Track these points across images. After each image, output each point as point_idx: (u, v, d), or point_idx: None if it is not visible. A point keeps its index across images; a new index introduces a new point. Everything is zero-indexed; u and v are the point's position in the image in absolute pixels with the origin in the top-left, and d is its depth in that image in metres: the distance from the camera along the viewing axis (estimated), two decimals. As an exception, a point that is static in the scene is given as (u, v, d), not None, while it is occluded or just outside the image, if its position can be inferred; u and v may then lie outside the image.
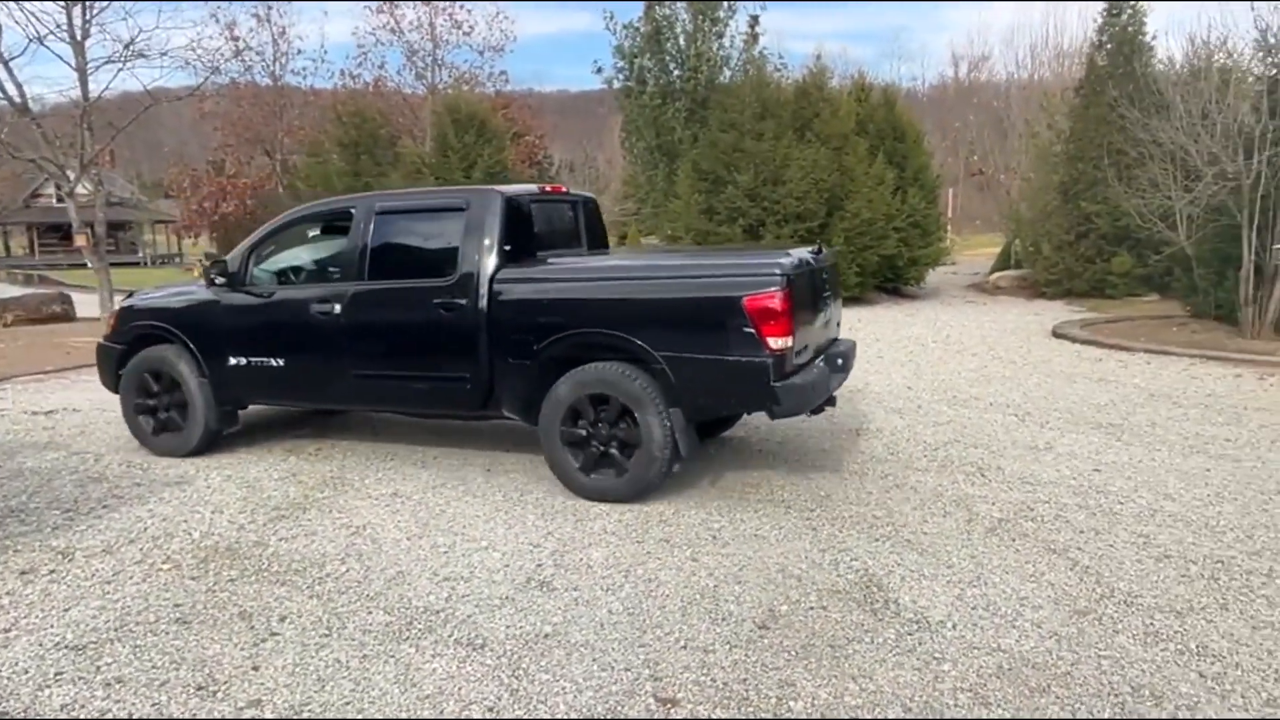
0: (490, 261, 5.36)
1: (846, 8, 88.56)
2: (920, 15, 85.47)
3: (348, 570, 4.23)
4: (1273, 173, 11.41)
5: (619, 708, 3.03)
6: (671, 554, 4.36)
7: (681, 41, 21.71)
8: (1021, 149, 29.65)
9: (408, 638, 3.54)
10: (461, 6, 27.01)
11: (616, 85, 22.86)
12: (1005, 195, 30.80)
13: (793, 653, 3.38)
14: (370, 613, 3.77)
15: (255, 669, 3.32)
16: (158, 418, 6.29)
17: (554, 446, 5.22)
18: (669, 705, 3.03)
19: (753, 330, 4.75)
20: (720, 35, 21.75)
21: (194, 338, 6.10)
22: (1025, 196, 22.02)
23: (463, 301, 5.36)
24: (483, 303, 5.33)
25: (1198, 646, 3.38)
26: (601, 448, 5.14)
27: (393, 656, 3.39)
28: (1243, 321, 11.80)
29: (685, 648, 3.42)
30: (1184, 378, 9.12)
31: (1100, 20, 18.23)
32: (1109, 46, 17.75)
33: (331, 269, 6.11)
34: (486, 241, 5.38)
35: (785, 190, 16.29)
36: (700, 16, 21.46)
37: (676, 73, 21.78)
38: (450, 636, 3.55)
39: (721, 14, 21.65)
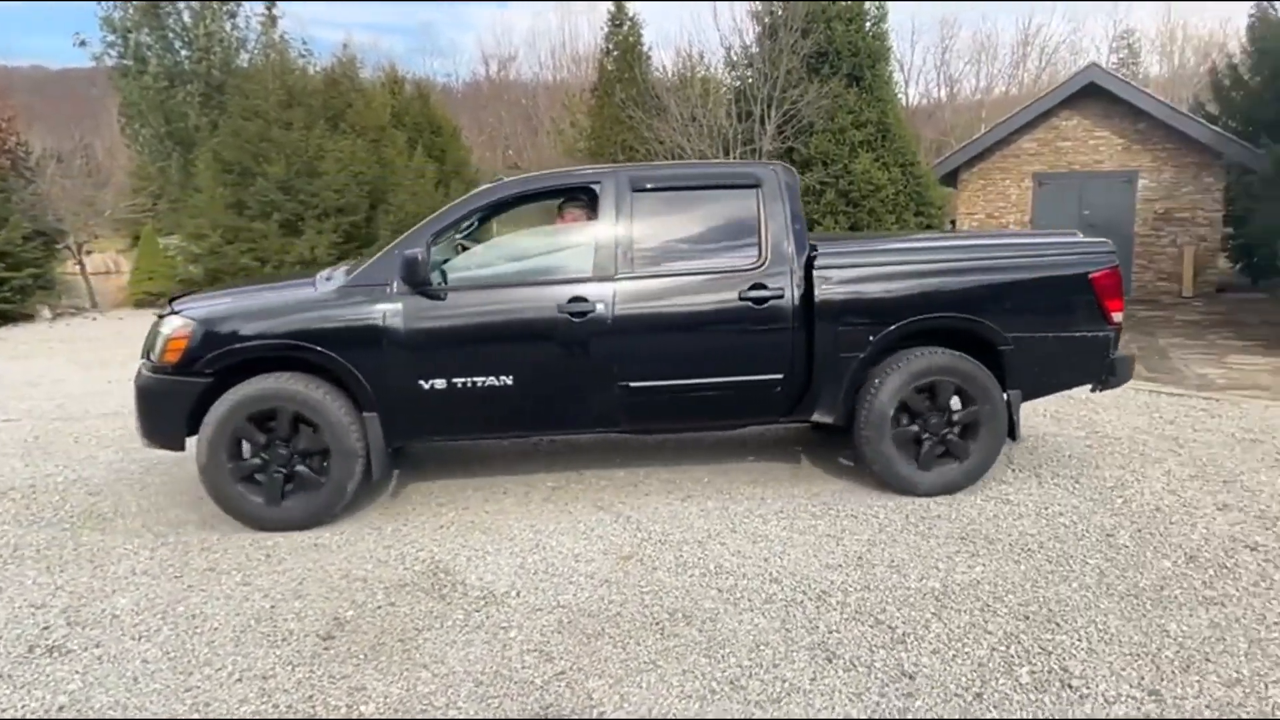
0: (803, 244, 4.83)
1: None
2: (444, 11, 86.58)
3: None
4: (745, 167, 13.81)
5: (162, 766, 2.68)
6: (219, 583, 3.95)
7: (187, 18, 19.49)
8: (550, 144, 31.96)
9: None
10: None
11: (109, 63, 19.81)
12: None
13: (362, 656, 3.28)
14: None
15: None
16: (272, 478, 4.50)
17: (884, 443, 4.77)
18: (224, 746, 2.76)
19: (1098, 305, 4.85)
20: (233, 15, 19.95)
21: (357, 357, 4.48)
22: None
23: (777, 292, 4.69)
24: (798, 292, 4.72)
25: (715, 567, 3.99)
26: (936, 439, 4.83)
27: None
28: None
29: (240, 680, 3.13)
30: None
31: (607, 29, 20.36)
32: (615, 54, 19.90)
33: (569, 259, 4.88)
34: (795, 224, 4.84)
35: (323, 183, 15.54)
36: (207, -8, 19.48)
37: (185, 53, 19.51)
38: (-83, 742, 2.82)
39: (233, -8, 19.89)
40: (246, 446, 4.58)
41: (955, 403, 4.85)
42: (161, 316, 4.71)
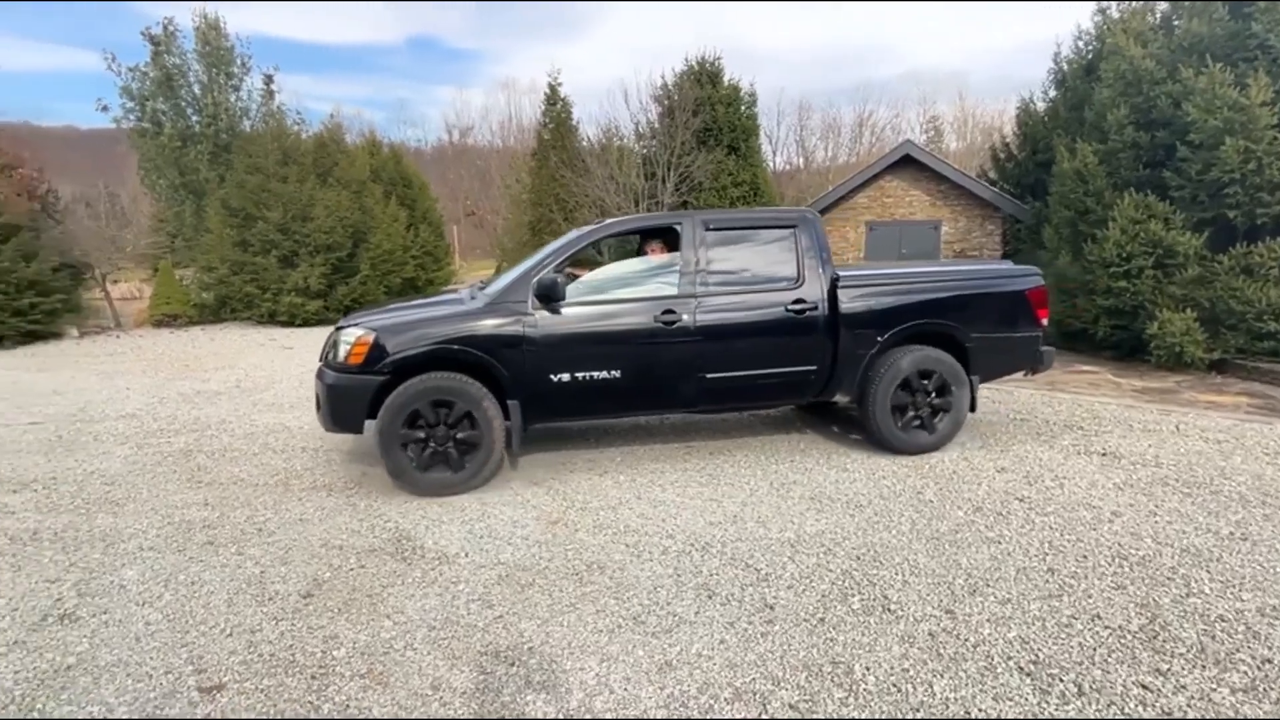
0: (829, 269, 4.98)
1: (361, 77, 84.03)
2: (416, 90, 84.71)
3: None
4: (651, 216, 13.85)
5: (158, 710, 2.48)
6: (215, 554, 3.71)
7: (197, 90, 18.45)
8: (501, 197, 31.45)
9: (-128, 722, 2.45)
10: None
11: (128, 125, 18.60)
12: (493, 231, 32.44)
13: (336, 610, 3.12)
14: None
15: None
16: (428, 452, 4.43)
17: (884, 415, 5.00)
18: (214, 691, 2.57)
19: (1031, 313, 5.20)
20: (237, 89, 18.99)
21: (505, 357, 4.49)
22: (507, 232, 23.44)
23: (813, 305, 4.87)
24: (826, 305, 4.89)
25: (624, 527, 3.94)
26: (916, 415, 5.06)
27: None
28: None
29: (230, 634, 2.94)
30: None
31: (544, 108, 20.14)
32: (550, 127, 19.68)
33: (661, 281, 4.83)
34: (823, 254, 4.99)
35: (314, 226, 14.95)
36: (214, 69, 18.48)
37: (195, 118, 18.46)
38: (-62, 703, 2.54)
39: (236, 70, 18.92)
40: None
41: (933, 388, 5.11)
42: (339, 329, 4.62)
